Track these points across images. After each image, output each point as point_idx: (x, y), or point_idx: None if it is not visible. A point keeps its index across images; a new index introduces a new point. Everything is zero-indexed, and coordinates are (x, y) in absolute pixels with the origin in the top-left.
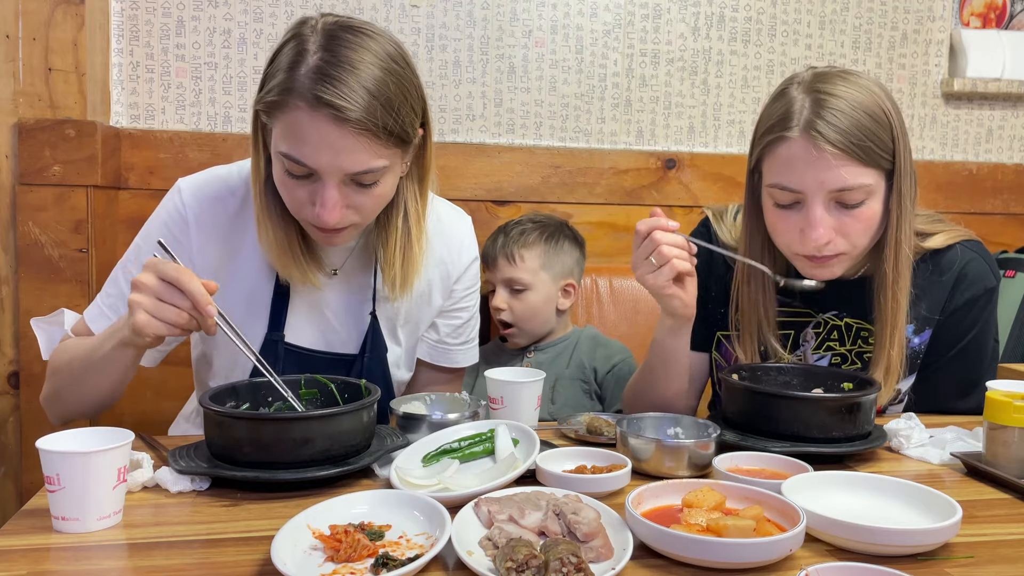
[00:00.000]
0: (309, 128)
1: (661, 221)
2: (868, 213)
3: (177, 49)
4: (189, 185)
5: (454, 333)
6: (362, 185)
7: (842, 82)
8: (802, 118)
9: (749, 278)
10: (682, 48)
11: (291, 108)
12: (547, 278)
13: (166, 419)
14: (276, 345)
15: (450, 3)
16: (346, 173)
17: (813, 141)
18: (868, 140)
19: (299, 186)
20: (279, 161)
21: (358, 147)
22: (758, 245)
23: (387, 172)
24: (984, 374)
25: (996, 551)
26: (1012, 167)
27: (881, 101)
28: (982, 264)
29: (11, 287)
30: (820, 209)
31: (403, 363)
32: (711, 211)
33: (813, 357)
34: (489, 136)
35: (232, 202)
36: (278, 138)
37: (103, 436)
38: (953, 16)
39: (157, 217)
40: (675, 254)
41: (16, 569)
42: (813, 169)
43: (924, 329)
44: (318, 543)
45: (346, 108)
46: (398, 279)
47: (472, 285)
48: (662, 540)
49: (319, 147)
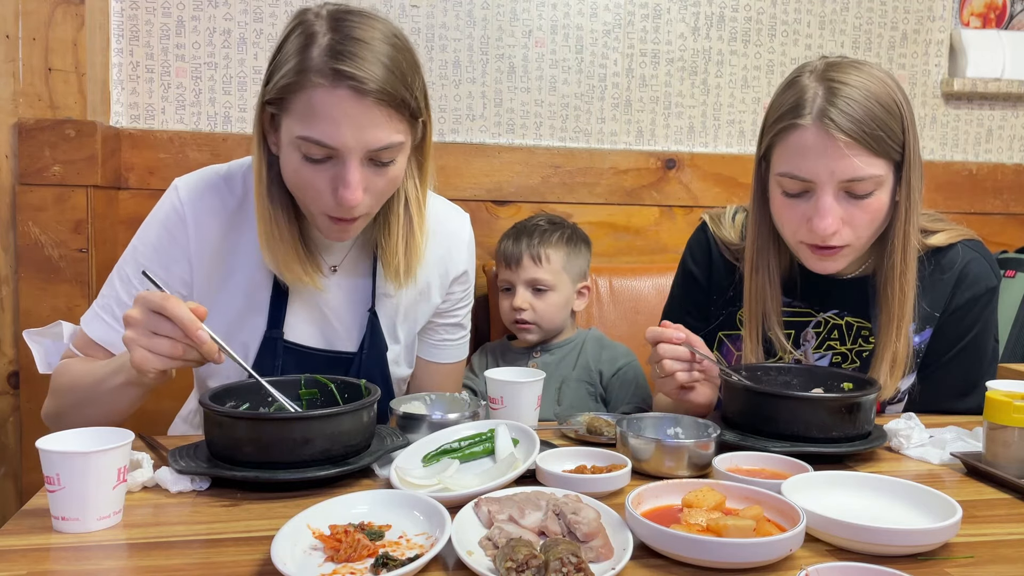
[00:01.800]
0: (329, 104)
1: (668, 332)
2: (876, 204)
3: (177, 49)
4: (186, 184)
5: (453, 330)
6: (379, 165)
7: (855, 71)
8: (815, 106)
9: (756, 271)
10: (682, 48)
11: (308, 87)
12: (567, 279)
13: (166, 419)
14: (275, 343)
15: (450, 3)
16: (368, 150)
17: (826, 129)
18: (880, 130)
19: (317, 173)
20: (294, 149)
21: (379, 121)
22: (765, 236)
23: (401, 150)
24: (984, 374)
25: (996, 551)
26: (1012, 167)
27: (893, 92)
28: (983, 264)
29: (11, 287)
30: (830, 198)
31: (403, 360)
32: (708, 216)
33: (814, 356)
34: (489, 136)
35: (230, 200)
36: (293, 123)
37: (103, 436)
38: (953, 16)
39: (154, 217)
40: (677, 368)
41: (16, 569)
42: (825, 158)
43: (924, 328)
44: (318, 543)
45: (366, 79)
46: (402, 268)
47: (469, 285)
48: (662, 540)
49: (340, 123)
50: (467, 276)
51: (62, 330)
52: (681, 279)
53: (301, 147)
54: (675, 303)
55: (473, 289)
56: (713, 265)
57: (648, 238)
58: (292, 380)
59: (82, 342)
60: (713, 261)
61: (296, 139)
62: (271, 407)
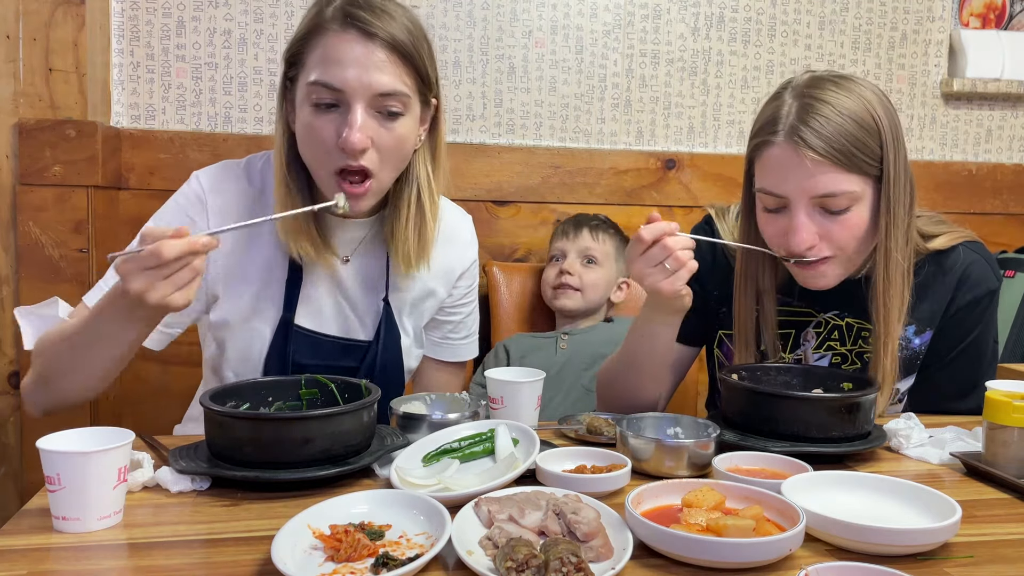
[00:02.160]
0: (339, 46)
1: (666, 226)
2: (854, 219)
3: (177, 49)
4: (206, 173)
5: (456, 328)
6: (386, 117)
7: (833, 87)
8: (787, 123)
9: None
10: (682, 48)
11: (321, 33)
12: (614, 264)
13: (166, 419)
14: (288, 328)
15: (450, 3)
16: (373, 93)
17: (795, 147)
18: (852, 146)
19: (325, 122)
20: (305, 102)
21: (385, 66)
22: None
23: (409, 107)
24: (984, 375)
25: (996, 551)
26: (1011, 167)
27: (871, 107)
28: (984, 266)
29: (11, 287)
30: (803, 215)
31: (412, 351)
32: (713, 209)
33: (813, 357)
34: (489, 136)
35: (250, 189)
36: (308, 72)
37: (103, 436)
38: (953, 16)
39: (173, 201)
40: (688, 257)
41: (16, 569)
42: (795, 175)
43: (925, 330)
44: (318, 543)
45: (374, 24)
46: (412, 252)
47: (473, 283)
48: (662, 540)
49: (347, 64)
50: (470, 273)
51: (57, 308)
52: None
53: (311, 96)
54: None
55: (476, 289)
56: (716, 256)
57: None
58: (292, 380)
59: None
60: (716, 254)
61: (307, 87)
62: (271, 407)
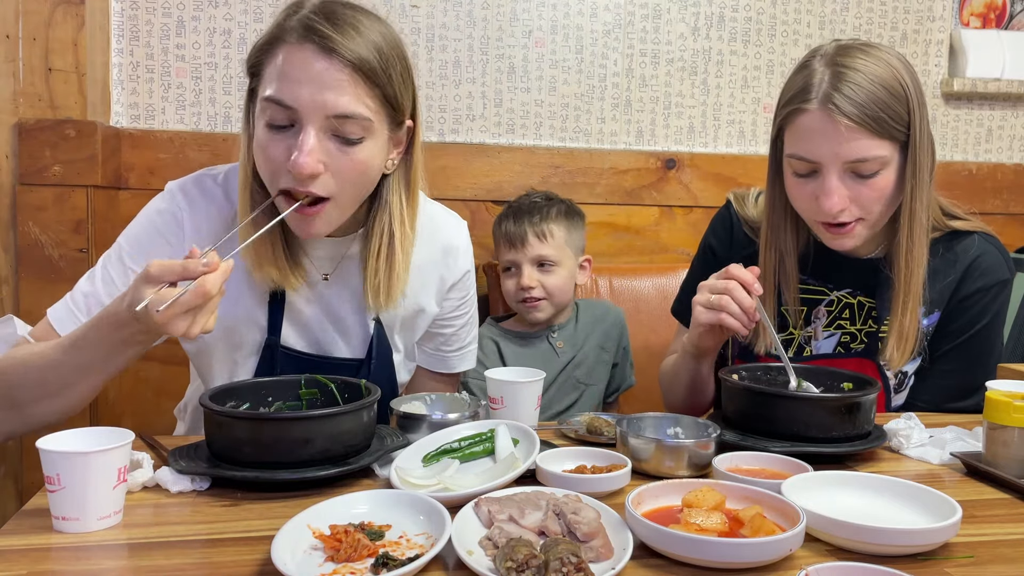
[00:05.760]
0: (294, 61)
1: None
2: (882, 183)
3: (177, 49)
4: (182, 188)
5: (449, 341)
6: (344, 142)
7: (862, 55)
8: (820, 91)
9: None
10: (682, 48)
11: (279, 45)
12: (571, 253)
13: (166, 419)
14: (273, 350)
15: (450, 3)
16: (328, 115)
17: (829, 114)
18: (883, 112)
19: (277, 142)
20: (262, 116)
21: (342, 85)
22: (780, 213)
23: (371, 134)
24: (987, 373)
25: (996, 551)
26: (1012, 167)
27: (899, 74)
28: (996, 256)
29: (11, 287)
30: (835, 179)
31: (403, 367)
32: (733, 195)
33: (823, 334)
34: (489, 136)
35: (226, 206)
36: (264, 86)
37: (103, 436)
38: (953, 16)
39: (146, 219)
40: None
41: (16, 569)
42: (829, 141)
43: (933, 311)
44: (318, 543)
45: (334, 39)
46: (382, 288)
47: (466, 295)
48: (662, 540)
49: (302, 81)
50: (462, 284)
51: (14, 327)
52: (701, 254)
53: (266, 113)
54: (693, 278)
55: (471, 300)
56: (734, 241)
57: (648, 238)
58: (292, 380)
59: (44, 335)
60: (734, 237)
61: (261, 103)
62: (271, 407)
